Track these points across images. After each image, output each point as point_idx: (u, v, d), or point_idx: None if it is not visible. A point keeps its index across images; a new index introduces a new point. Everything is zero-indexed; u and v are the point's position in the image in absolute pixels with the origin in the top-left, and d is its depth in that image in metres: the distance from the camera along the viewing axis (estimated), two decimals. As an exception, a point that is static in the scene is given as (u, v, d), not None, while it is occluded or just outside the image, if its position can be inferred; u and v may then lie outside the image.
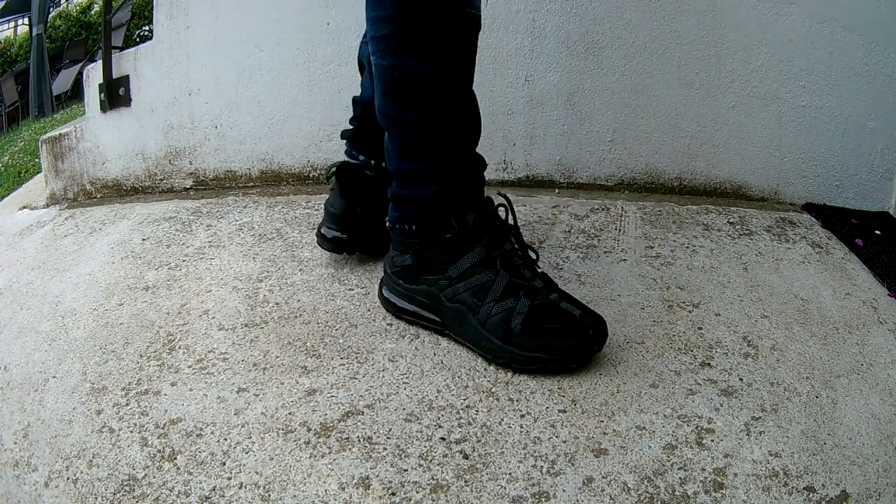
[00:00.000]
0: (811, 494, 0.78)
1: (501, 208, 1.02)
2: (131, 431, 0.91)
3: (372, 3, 0.93)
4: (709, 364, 0.99)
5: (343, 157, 1.29)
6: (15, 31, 10.41)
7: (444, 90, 0.93)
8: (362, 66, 1.22)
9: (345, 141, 1.26)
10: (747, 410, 0.90)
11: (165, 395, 0.97)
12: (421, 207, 1.00)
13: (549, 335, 0.92)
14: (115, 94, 1.74)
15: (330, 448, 0.85)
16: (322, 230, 1.23)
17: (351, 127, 1.24)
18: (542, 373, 0.94)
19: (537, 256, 1.03)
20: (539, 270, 1.00)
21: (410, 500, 0.78)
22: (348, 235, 1.21)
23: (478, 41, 0.96)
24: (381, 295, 1.11)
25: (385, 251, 1.12)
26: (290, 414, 0.91)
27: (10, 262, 1.47)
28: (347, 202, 1.20)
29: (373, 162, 1.21)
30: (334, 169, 1.22)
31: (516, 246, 1.00)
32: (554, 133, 1.62)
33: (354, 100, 1.24)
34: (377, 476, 0.81)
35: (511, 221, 1.02)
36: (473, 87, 1.00)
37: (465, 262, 0.97)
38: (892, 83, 1.46)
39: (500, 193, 1.05)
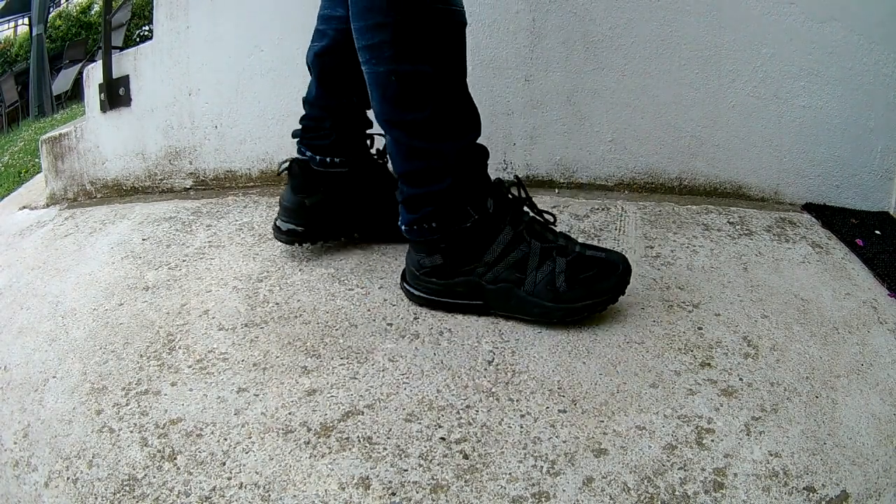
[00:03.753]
0: (811, 494, 0.78)
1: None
2: (131, 431, 0.91)
3: (360, 13, 0.95)
4: (709, 364, 0.99)
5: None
6: (15, 31, 10.41)
7: (442, 88, 0.96)
8: (311, 69, 1.25)
9: (296, 140, 1.29)
10: (747, 410, 0.90)
11: (165, 395, 0.97)
12: (437, 203, 1.02)
13: (589, 282, 1.00)
14: (115, 94, 1.75)
15: (330, 448, 0.85)
16: (277, 223, 1.28)
17: (300, 126, 1.27)
18: (592, 313, 1.04)
19: (554, 219, 1.08)
20: (557, 230, 1.07)
21: (410, 500, 0.78)
22: (302, 227, 1.26)
23: (465, 37, 0.99)
24: (409, 293, 1.12)
25: (337, 240, 1.27)
26: (290, 414, 0.91)
27: (10, 262, 1.47)
28: (297, 196, 1.24)
29: (317, 157, 1.24)
30: (286, 164, 1.26)
31: (533, 214, 1.06)
32: (554, 133, 1.62)
33: (303, 100, 1.26)
34: (377, 476, 0.81)
35: (522, 194, 1.06)
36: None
37: (499, 246, 1.02)
38: (893, 83, 1.46)
39: (515, 176, 1.10)
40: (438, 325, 1.09)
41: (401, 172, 1.04)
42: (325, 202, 1.23)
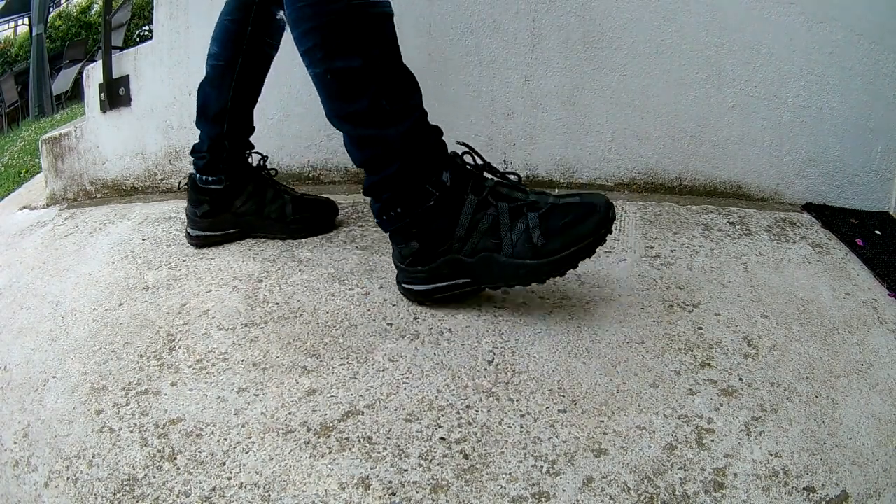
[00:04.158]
0: (811, 494, 0.78)
1: (467, 156, 1.07)
2: (131, 431, 0.91)
3: (294, 23, 1.02)
4: (709, 364, 0.99)
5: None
6: (15, 31, 10.40)
7: (375, 78, 1.00)
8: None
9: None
10: (747, 410, 0.90)
11: (165, 395, 0.97)
12: (393, 188, 1.04)
13: (569, 228, 0.96)
14: (115, 94, 1.75)
15: (330, 448, 0.85)
16: (187, 229, 1.43)
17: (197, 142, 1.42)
18: (583, 259, 0.98)
19: (520, 178, 1.06)
20: (528, 188, 1.04)
21: (410, 500, 0.78)
22: (208, 232, 1.41)
23: (394, 25, 1.03)
24: (404, 290, 1.14)
25: (235, 244, 1.39)
26: (290, 414, 0.91)
27: (10, 262, 1.47)
28: (191, 206, 1.42)
29: (197, 175, 1.41)
30: (184, 180, 1.45)
31: (495, 178, 1.04)
32: (554, 133, 1.62)
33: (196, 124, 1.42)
34: (377, 476, 0.81)
35: (479, 160, 1.06)
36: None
37: (466, 216, 1.02)
38: (892, 83, 1.46)
39: (458, 142, 1.07)
40: (438, 325, 1.09)
41: (359, 163, 1.08)
42: (210, 212, 1.40)
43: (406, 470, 0.82)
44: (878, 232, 1.40)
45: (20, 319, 1.22)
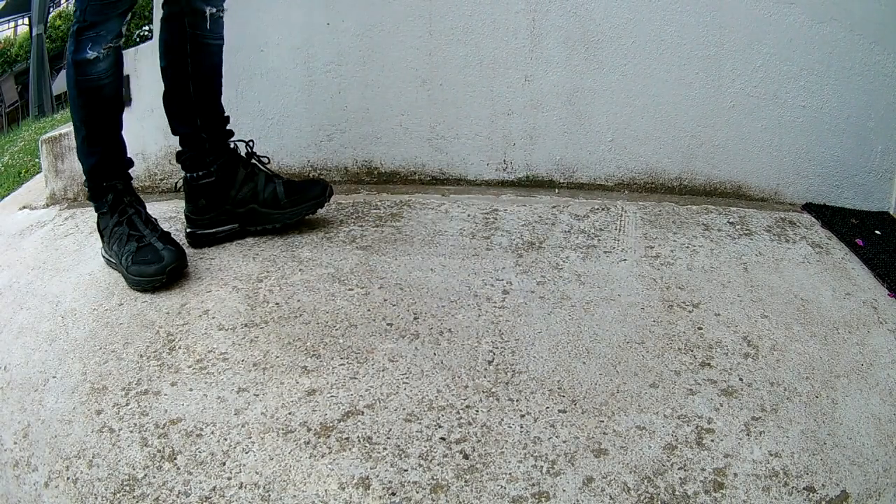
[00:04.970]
0: (811, 494, 0.78)
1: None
2: (131, 431, 0.91)
3: None
4: (709, 364, 0.99)
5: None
6: (15, 31, 10.38)
7: (83, 127, 1.34)
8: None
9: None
10: (747, 410, 0.90)
11: (165, 395, 0.97)
12: (87, 188, 1.40)
13: (142, 264, 1.27)
14: (115, 94, 1.74)
15: (330, 448, 0.85)
16: (187, 230, 1.46)
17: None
18: (151, 289, 1.25)
19: (142, 215, 1.35)
20: (158, 227, 1.34)
21: (410, 500, 0.78)
22: (208, 230, 1.45)
23: (105, 89, 1.31)
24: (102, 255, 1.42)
25: (235, 244, 1.44)
26: (290, 414, 0.91)
27: (10, 262, 1.47)
28: (189, 205, 1.47)
29: (187, 174, 1.46)
30: (179, 182, 1.51)
31: (134, 211, 1.35)
32: (554, 133, 1.62)
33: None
34: (377, 476, 0.81)
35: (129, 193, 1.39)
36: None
37: (110, 226, 1.35)
38: (892, 83, 1.46)
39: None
40: (438, 325, 1.09)
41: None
42: (209, 206, 1.43)
43: (406, 470, 0.82)
44: (878, 232, 1.40)
45: (20, 319, 1.22)
